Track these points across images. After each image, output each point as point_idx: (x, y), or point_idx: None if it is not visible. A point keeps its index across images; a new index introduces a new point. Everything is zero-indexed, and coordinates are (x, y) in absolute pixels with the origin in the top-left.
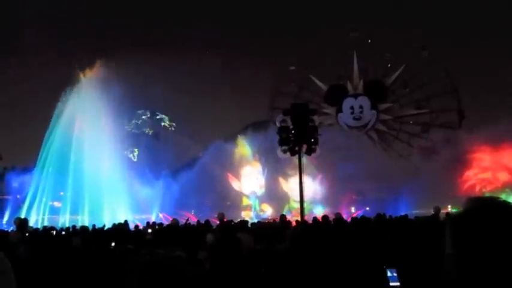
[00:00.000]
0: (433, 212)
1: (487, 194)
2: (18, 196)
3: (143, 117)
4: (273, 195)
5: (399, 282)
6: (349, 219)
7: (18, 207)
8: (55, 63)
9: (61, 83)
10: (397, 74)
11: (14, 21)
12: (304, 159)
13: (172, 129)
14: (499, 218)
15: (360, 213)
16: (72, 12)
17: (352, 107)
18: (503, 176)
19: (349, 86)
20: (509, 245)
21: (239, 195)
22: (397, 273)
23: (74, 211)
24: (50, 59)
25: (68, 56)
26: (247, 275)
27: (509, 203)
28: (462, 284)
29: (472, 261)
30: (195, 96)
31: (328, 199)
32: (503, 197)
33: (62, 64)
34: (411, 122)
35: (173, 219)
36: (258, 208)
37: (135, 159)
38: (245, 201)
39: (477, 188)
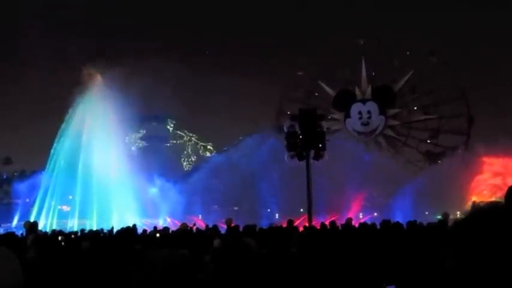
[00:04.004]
0: (441, 218)
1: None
2: (27, 200)
3: (153, 123)
4: None
5: None
6: (357, 225)
7: (27, 211)
8: (65, 68)
9: (71, 88)
10: (405, 79)
11: (22, 25)
12: None
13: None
14: (499, 224)
15: (366, 219)
16: (79, 16)
17: (360, 113)
18: None
19: (358, 92)
20: (506, 249)
21: None
22: None
23: (83, 215)
24: (60, 63)
25: (78, 61)
26: (252, 278)
27: (509, 208)
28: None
29: (471, 264)
30: (203, 101)
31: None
32: None
33: (72, 69)
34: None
35: (182, 223)
36: None
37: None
38: None
39: (487, 196)
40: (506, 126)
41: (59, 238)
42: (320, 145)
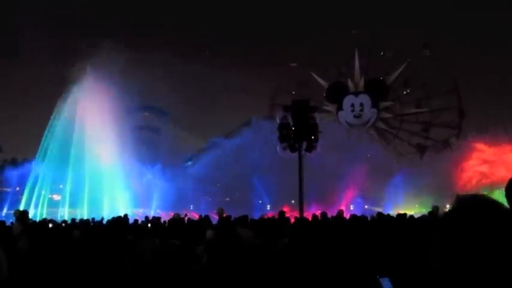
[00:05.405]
0: (431, 211)
1: (484, 189)
2: (17, 189)
3: (145, 113)
4: None
5: None
6: (348, 217)
7: (17, 199)
8: (57, 56)
9: (63, 76)
10: (398, 72)
11: (16, 15)
12: None
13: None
14: (484, 215)
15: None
16: (75, 8)
17: (352, 105)
18: (500, 171)
19: (350, 84)
20: (493, 241)
21: None
22: (390, 282)
23: (73, 204)
24: (52, 51)
25: (71, 49)
26: (245, 269)
27: (493, 200)
28: (447, 276)
29: (457, 257)
30: (195, 92)
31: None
32: (497, 192)
33: (65, 56)
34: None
35: (174, 213)
36: None
37: None
38: None
39: (474, 182)
40: (498, 120)
41: (49, 226)
42: (312, 137)
